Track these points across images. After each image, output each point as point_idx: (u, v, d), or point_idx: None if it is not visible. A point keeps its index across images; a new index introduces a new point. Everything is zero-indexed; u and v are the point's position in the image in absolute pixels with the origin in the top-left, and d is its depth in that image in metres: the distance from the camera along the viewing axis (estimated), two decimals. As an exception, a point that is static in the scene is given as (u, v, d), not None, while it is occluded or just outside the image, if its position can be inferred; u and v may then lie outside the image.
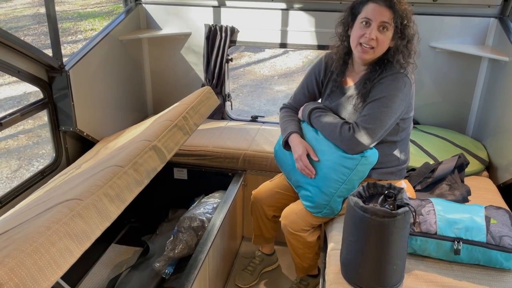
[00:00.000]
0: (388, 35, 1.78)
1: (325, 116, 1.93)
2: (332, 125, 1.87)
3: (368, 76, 1.86)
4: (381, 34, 1.77)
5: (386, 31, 1.77)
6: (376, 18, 1.76)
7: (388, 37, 1.79)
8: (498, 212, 1.71)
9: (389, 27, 1.77)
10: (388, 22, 1.76)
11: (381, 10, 1.76)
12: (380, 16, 1.76)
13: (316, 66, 2.09)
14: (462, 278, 1.59)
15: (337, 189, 1.88)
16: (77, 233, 1.14)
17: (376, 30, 1.77)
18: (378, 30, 1.77)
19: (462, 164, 2.14)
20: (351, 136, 1.81)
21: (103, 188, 1.31)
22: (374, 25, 1.76)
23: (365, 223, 1.44)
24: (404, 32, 1.78)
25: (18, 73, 2.07)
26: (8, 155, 4.80)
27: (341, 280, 1.60)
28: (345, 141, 1.82)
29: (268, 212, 2.23)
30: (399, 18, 1.76)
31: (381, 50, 1.81)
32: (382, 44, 1.79)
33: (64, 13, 10.35)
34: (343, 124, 1.85)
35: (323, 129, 1.91)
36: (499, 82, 2.52)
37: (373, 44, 1.78)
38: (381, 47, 1.80)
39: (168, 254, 2.29)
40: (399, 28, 1.77)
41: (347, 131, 1.82)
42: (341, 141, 1.83)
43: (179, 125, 1.84)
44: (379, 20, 1.76)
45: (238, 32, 2.97)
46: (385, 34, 1.78)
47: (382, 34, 1.77)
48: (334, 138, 1.85)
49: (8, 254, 0.99)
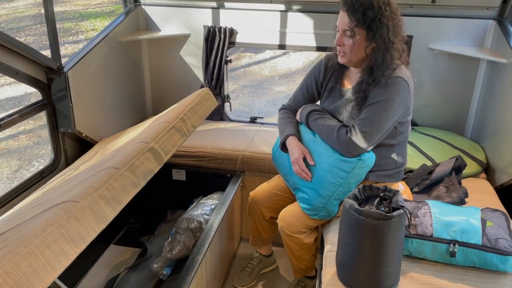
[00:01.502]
0: (356, 39, 1.76)
1: (322, 118, 1.93)
2: (329, 128, 1.87)
3: (361, 83, 1.85)
4: (348, 39, 1.78)
5: (353, 36, 1.76)
6: (339, 24, 1.80)
7: (356, 42, 1.77)
8: (495, 214, 1.71)
9: (355, 32, 1.75)
10: (348, 29, 1.75)
11: (341, 17, 1.78)
12: (341, 22, 1.79)
13: (316, 68, 2.09)
14: (458, 281, 1.59)
15: (334, 192, 1.89)
16: (73, 235, 1.14)
17: (342, 36, 1.79)
18: (344, 35, 1.78)
19: (459, 166, 2.14)
20: (348, 139, 1.81)
21: (99, 190, 1.31)
22: (340, 32, 1.80)
23: (360, 225, 1.45)
24: (375, 36, 1.74)
25: (16, 74, 2.08)
26: (8, 155, 4.81)
27: (337, 282, 1.60)
28: (342, 144, 1.82)
29: (265, 213, 2.23)
30: (361, 23, 1.73)
31: (354, 54, 1.80)
32: (350, 48, 1.79)
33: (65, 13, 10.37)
34: (341, 127, 1.85)
35: (321, 131, 1.91)
36: (497, 84, 2.52)
37: (342, 50, 1.81)
38: (352, 52, 1.79)
39: (166, 255, 2.30)
40: (368, 32, 1.75)
41: (344, 134, 1.82)
42: (338, 144, 1.83)
43: (177, 127, 1.85)
44: (341, 27, 1.79)
45: (237, 34, 2.97)
46: (352, 39, 1.77)
47: (348, 39, 1.78)
48: (332, 141, 1.86)
49: (3, 256, 1.00)
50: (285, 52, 7.88)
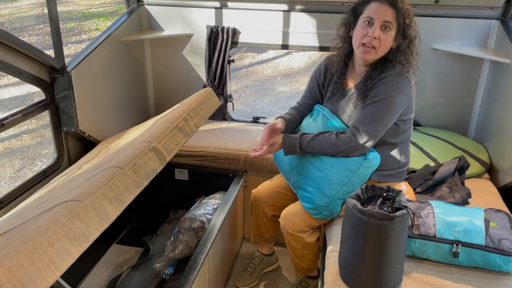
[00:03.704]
0: (390, 34, 1.78)
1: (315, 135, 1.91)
2: (326, 137, 1.87)
3: (369, 75, 1.85)
4: (384, 33, 1.77)
5: (389, 31, 1.77)
6: (379, 17, 1.76)
7: (391, 37, 1.79)
8: (498, 215, 1.71)
9: (392, 27, 1.76)
10: (391, 22, 1.75)
11: (384, 9, 1.76)
12: (383, 15, 1.76)
13: (317, 70, 2.10)
14: (461, 281, 1.58)
15: (338, 191, 1.88)
16: (76, 234, 1.14)
17: (378, 29, 1.76)
18: (380, 29, 1.76)
19: (462, 167, 2.14)
20: (349, 140, 1.81)
21: (102, 189, 1.31)
22: (377, 24, 1.76)
23: (363, 225, 1.44)
24: (406, 32, 1.78)
25: (20, 74, 2.08)
26: (11, 154, 4.83)
27: (339, 282, 1.60)
28: (344, 144, 1.82)
29: (267, 211, 2.23)
30: (402, 17, 1.76)
31: (383, 50, 1.81)
32: (384, 43, 1.78)
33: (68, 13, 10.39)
34: (338, 132, 1.86)
35: (319, 145, 1.88)
36: (500, 84, 2.52)
37: (375, 44, 1.78)
38: (383, 47, 1.80)
39: (168, 255, 2.30)
40: (401, 28, 1.77)
41: (345, 135, 1.83)
42: (341, 145, 1.83)
43: (180, 127, 1.85)
44: (382, 19, 1.76)
45: (239, 33, 2.97)
46: (387, 34, 1.77)
47: (384, 33, 1.77)
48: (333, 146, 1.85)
49: (6, 255, 1.00)
50: (288, 52, 7.87)
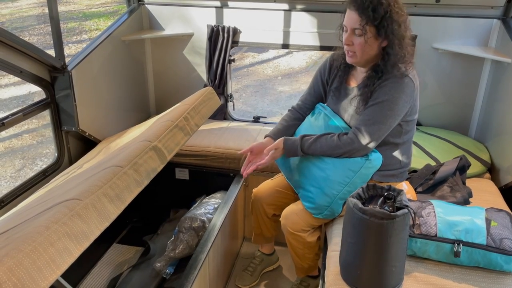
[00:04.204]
0: (365, 38, 1.75)
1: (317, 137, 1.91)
2: (328, 138, 1.87)
3: (368, 79, 1.85)
4: (358, 38, 1.76)
5: (362, 35, 1.75)
6: (348, 24, 1.78)
7: (368, 40, 1.76)
8: (499, 214, 1.70)
9: (360, 32, 1.74)
10: (358, 28, 1.74)
11: (350, 16, 1.76)
12: (350, 21, 1.77)
13: (322, 67, 2.10)
14: (462, 281, 1.58)
15: (339, 191, 1.88)
16: (76, 233, 1.14)
17: (351, 35, 1.78)
18: (353, 34, 1.77)
19: (463, 166, 2.13)
20: (352, 141, 1.81)
21: (102, 188, 1.31)
22: (349, 31, 1.78)
23: (364, 224, 1.44)
24: (386, 32, 1.74)
25: (20, 73, 2.08)
26: (12, 154, 4.83)
27: (340, 282, 1.59)
28: (346, 145, 1.82)
29: (268, 210, 2.23)
30: (374, 20, 1.72)
31: (364, 53, 1.79)
32: (360, 48, 1.78)
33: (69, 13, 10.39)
34: (340, 134, 1.86)
35: (321, 146, 1.88)
36: (502, 83, 2.51)
37: (352, 49, 1.80)
38: (362, 51, 1.79)
39: (169, 254, 2.30)
40: (380, 29, 1.74)
41: (347, 136, 1.83)
42: (343, 146, 1.83)
43: (180, 126, 1.84)
44: (350, 27, 1.77)
45: (240, 33, 2.97)
46: (361, 38, 1.76)
47: (358, 38, 1.76)
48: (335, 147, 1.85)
49: (7, 253, 0.99)
50: (288, 52, 7.87)
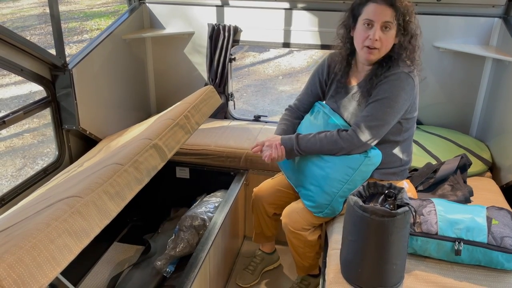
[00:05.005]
0: (391, 33, 1.78)
1: (314, 134, 1.91)
2: (327, 135, 1.87)
3: (374, 73, 1.84)
4: (385, 34, 1.76)
5: (389, 30, 1.76)
6: (378, 18, 1.75)
7: (392, 35, 1.78)
8: (500, 212, 1.70)
9: (392, 26, 1.76)
10: (390, 21, 1.75)
11: (382, 10, 1.74)
12: (382, 16, 1.75)
13: (319, 67, 2.09)
14: (463, 279, 1.58)
15: (339, 189, 1.88)
16: (76, 230, 1.14)
17: (379, 31, 1.75)
18: (381, 30, 1.76)
19: (464, 165, 2.13)
20: (351, 137, 1.81)
21: (103, 186, 1.31)
22: (376, 26, 1.75)
23: (365, 222, 1.44)
24: (407, 28, 1.78)
25: (21, 71, 2.08)
26: (13, 153, 4.83)
27: (341, 280, 1.59)
28: (346, 142, 1.82)
29: (268, 209, 2.23)
30: (401, 15, 1.75)
31: (386, 49, 1.81)
32: (386, 43, 1.79)
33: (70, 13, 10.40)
34: (339, 129, 1.86)
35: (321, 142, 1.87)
36: (503, 82, 2.51)
37: (377, 45, 1.77)
38: (386, 47, 1.80)
39: (170, 253, 2.29)
40: (401, 25, 1.77)
41: (346, 133, 1.83)
42: (343, 143, 1.82)
43: (181, 124, 1.84)
44: (381, 20, 1.75)
45: (241, 32, 2.97)
46: (388, 34, 1.77)
47: (385, 33, 1.76)
48: (334, 143, 1.84)
49: (7, 250, 0.99)
50: (289, 51, 7.87)
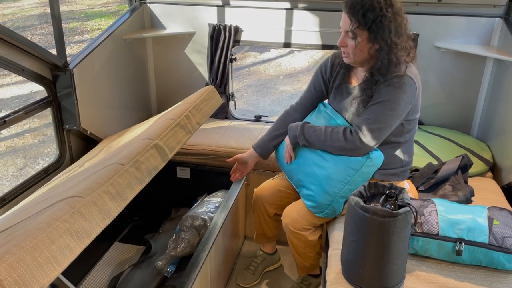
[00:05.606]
0: (357, 42, 1.76)
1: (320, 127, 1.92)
2: (333, 131, 1.87)
3: (368, 80, 1.85)
4: (351, 40, 1.77)
5: (355, 38, 1.75)
6: (342, 26, 1.80)
7: (359, 44, 1.76)
8: (501, 213, 1.70)
9: (357, 34, 1.74)
10: (349, 30, 1.75)
11: (343, 18, 1.78)
12: (343, 24, 1.79)
13: (323, 65, 2.10)
14: (464, 279, 1.58)
15: (340, 189, 1.88)
16: (77, 230, 1.14)
17: (344, 37, 1.79)
18: (347, 36, 1.78)
19: (465, 165, 2.12)
20: (353, 138, 1.81)
21: (104, 186, 1.31)
22: (342, 33, 1.80)
23: (366, 223, 1.44)
24: (377, 35, 1.73)
25: (22, 71, 2.08)
26: (14, 153, 4.84)
27: (342, 280, 1.59)
28: (350, 143, 1.82)
29: (269, 210, 2.23)
30: (363, 24, 1.72)
31: (356, 56, 1.80)
32: (353, 49, 1.79)
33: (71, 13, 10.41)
34: (345, 128, 1.86)
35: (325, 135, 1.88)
36: (504, 82, 2.50)
37: (346, 50, 1.81)
38: (354, 53, 1.80)
39: (170, 253, 2.29)
40: (371, 32, 1.73)
41: (351, 133, 1.83)
42: (347, 144, 1.82)
43: (181, 124, 1.84)
44: (343, 29, 1.79)
45: (242, 32, 2.97)
46: (354, 40, 1.76)
47: (351, 40, 1.77)
48: (338, 141, 1.85)
49: (8, 250, 0.99)
50: (290, 51, 7.87)
